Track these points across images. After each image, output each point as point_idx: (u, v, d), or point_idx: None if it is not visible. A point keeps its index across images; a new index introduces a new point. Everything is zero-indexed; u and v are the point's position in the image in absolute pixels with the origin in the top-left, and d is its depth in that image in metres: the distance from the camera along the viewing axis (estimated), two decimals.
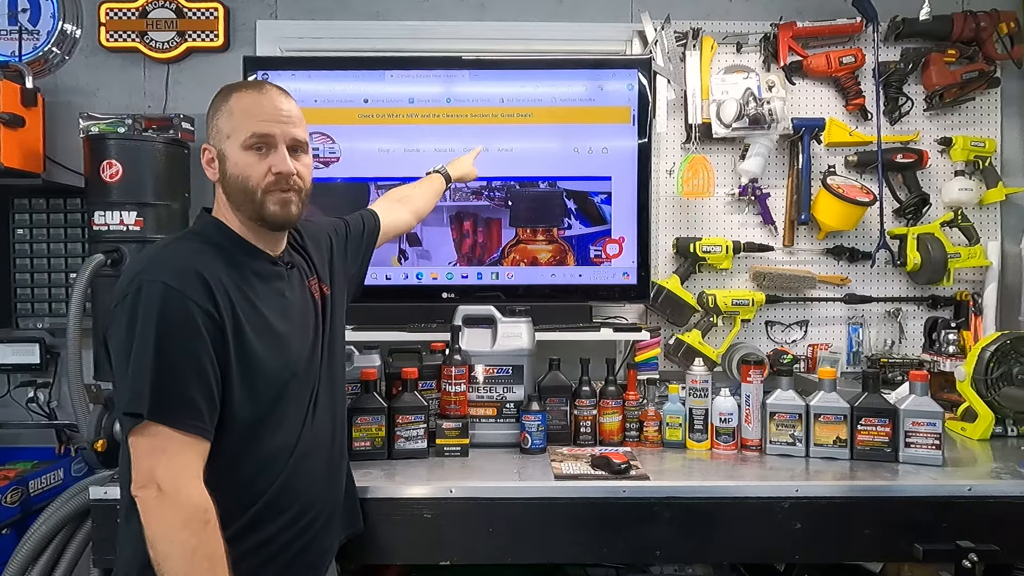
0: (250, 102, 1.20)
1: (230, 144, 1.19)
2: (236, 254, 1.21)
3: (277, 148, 1.20)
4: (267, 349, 1.17)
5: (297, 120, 1.24)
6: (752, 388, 1.76)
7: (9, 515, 1.94)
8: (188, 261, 1.13)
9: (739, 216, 2.39)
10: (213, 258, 1.16)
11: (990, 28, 2.29)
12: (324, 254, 1.44)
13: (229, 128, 1.19)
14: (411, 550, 1.49)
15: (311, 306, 1.31)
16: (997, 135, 2.39)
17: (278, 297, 1.23)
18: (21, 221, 2.31)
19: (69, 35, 2.34)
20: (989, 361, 1.83)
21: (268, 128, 1.19)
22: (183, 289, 1.08)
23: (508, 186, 2.17)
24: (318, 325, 1.31)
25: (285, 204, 1.21)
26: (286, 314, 1.23)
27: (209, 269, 1.13)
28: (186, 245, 1.20)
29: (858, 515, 1.49)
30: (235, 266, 1.18)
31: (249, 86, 1.27)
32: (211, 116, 1.23)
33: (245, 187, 1.19)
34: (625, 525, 1.49)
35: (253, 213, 1.20)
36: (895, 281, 2.41)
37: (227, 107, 1.21)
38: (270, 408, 1.18)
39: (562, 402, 1.82)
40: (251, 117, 1.19)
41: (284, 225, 1.24)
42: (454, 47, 2.32)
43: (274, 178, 1.19)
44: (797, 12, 2.35)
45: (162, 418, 1.04)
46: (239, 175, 1.19)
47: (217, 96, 1.24)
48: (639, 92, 2.16)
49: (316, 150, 2.14)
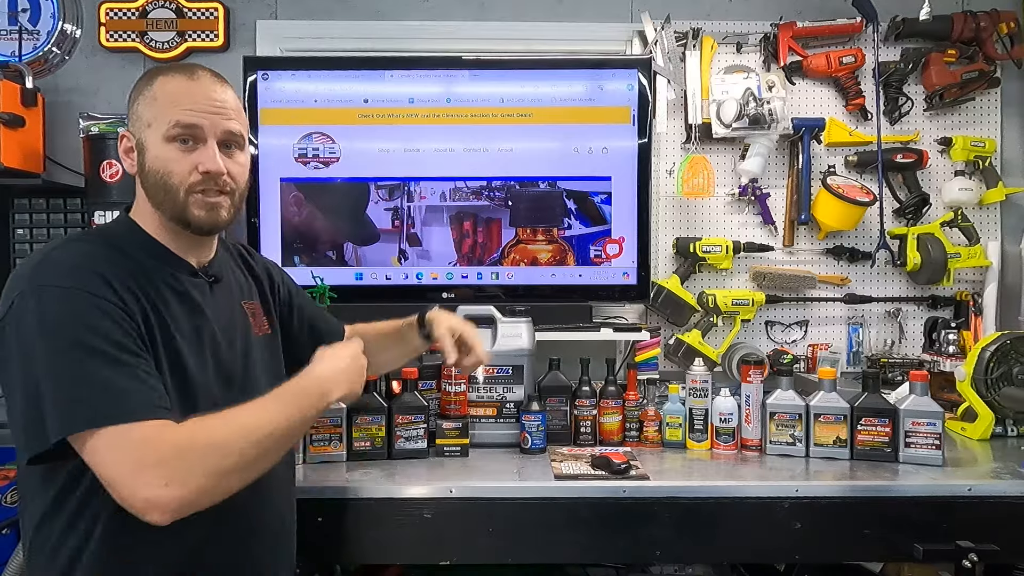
0: (177, 87, 1.05)
1: (151, 134, 1.04)
2: (144, 260, 1.04)
3: (206, 143, 1.04)
4: (170, 368, 1.00)
5: (233, 111, 1.08)
6: (752, 388, 1.76)
7: (9, 515, 1.93)
8: (83, 262, 0.96)
9: (739, 216, 2.39)
10: (113, 263, 0.99)
11: (990, 28, 2.29)
12: (272, 287, 1.31)
13: (151, 115, 1.04)
14: (411, 550, 1.49)
15: (239, 328, 1.15)
16: (997, 135, 2.38)
17: (193, 315, 1.06)
18: (21, 221, 2.30)
19: (69, 35, 2.34)
20: (989, 361, 1.83)
21: (195, 118, 1.03)
22: (84, 287, 0.93)
23: (508, 186, 2.17)
24: (247, 350, 1.15)
25: (212, 208, 1.05)
26: (199, 335, 1.06)
27: (110, 272, 0.97)
28: (79, 247, 1.01)
29: (858, 515, 1.49)
30: (143, 274, 1.02)
31: (178, 69, 1.09)
32: (132, 100, 1.08)
33: (166, 184, 1.03)
34: (625, 525, 1.49)
35: (174, 215, 1.05)
36: (895, 281, 2.41)
37: (151, 91, 1.06)
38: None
39: (562, 402, 1.82)
40: (176, 105, 1.03)
41: (211, 231, 1.09)
42: (454, 47, 2.32)
43: (200, 177, 1.04)
44: (797, 12, 2.35)
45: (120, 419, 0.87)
46: (159, 170, 1.03)
47: (141, 78, 1.09)
48: (639, 92, 2.15)
49: (316, 150, 2.15)
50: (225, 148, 1.07)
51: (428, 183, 2.16)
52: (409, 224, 2.17)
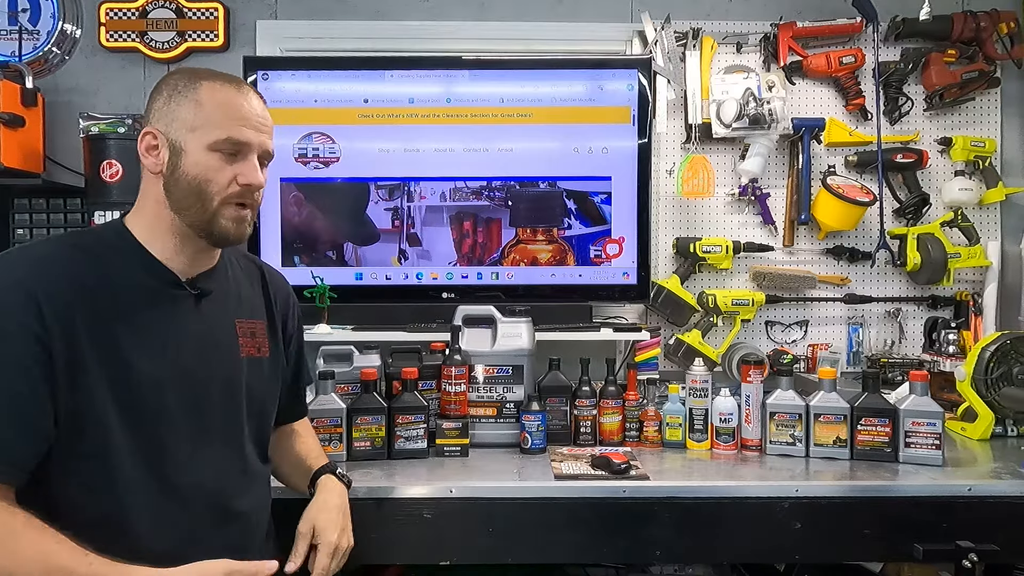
0: (227, 98, 1.07)
1: (193, 139, 1.04)
2: (115, 268, 1.03)
3: (247, 157, 1.07)
4: (111, 384, 0.98)
5: (271, 130, 1.13)
6: (752, 388, 1.76)
7: None
8: (19, 274, 0.96)
9: (739, 216, 2.39)
10: (58, 274, 0.98)
11: (990, 28, 2.29)
12: (286, 313, 1.29)
13: (197, 120, 1.04)
14: (411, 550, 1.49)
15: (222, 345, 1.13)
16: (997, 135, 2.39)
17: (160, 325, 1.05)
18: (21, 221, 2.30)
19: (69, 35, 2.34)
20: (989, 361, 1.83)
21: (247, 135, 1.06)
22: (10, 305, 0.94)
23: (508, 186, 2.17)
24: (226, 366, 1.13)
25: (240, 221, 1.08)
26: (163, 345, 1.04)
27: (55, 279, 0.97)
28: (39, 250, 1.02)
29: (858, 515, 1.49)
30: (101, 284, 1.00)
31: (224, 78, 1.10)
32: (167, 98, 1.06)
33: (201, 191, 1.04)
34: (625, 525, 1.49)
35: (199, 222, 1.06)
36: (895, 281, 2.41)
37: (195, 95, 1.05)
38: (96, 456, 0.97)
39: (562, 402, 1.82)
40: (229, 117, 1.06)
41: (235, 242, 1.11)
42: (454, 47, 2.32)
43: (239, 189, 1.06)
44: (797, 12, 2.35)
45: None
46: (198, 176, 1.04)
47: (177, 76, 1.08)
48: (639, 92, 2.16)
49: (316, 150, 2.15)
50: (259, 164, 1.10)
51: (428, 183, 2.16)
52: (409, 224, 2.17)
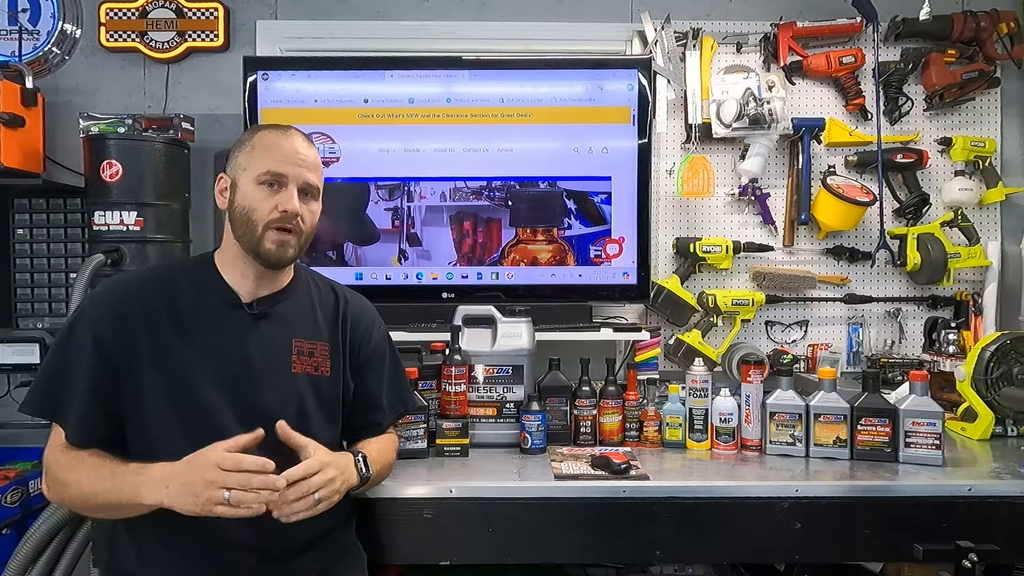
0: (271, 141, 1.26)
1: (244, 176, 1.25)
2: (188, 290, 1.25)
3: (287, 188, 1.25)
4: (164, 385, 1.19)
5: (313, 166, 1.28)
6: (752, 388, 1.76)
7: (9, 515, 1.94)
8: (104, 292, 1.26)
9: (739, 216, 2.39)
10: (147, 289, 1.24)
11: (990, 28, 2.29)
12: (356, 337, 1.40)
13: (247, 162, 1.26)
14: (411, 550, 1.49)
15: (274, 360, 1.27)
16: (997, 135, 2.39)
17: (216, 339, 1.23)
18: (21, 221, 2.31)
19: (69, 35, 2.34)
20: (989, 361, 1.83)
21: (283, 168, 1.24)
22: (88, 310, 1.22)
23: (508, 186, 2.17)
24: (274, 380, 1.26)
25: (282, 244, 1.24)
26: (214, 357, 1.22)
27: (130, 300, 1.22)
28: (122, 278, 1.32)
29: (858, 515, 1.49)
30: (169, 303, 1.23)
31: (275, 128, 1.31)
32: (234, 150, 1.29)
33: (249, 218, 1.24)
34: (625, 525, 1.49)
35: (250, 245, 1.24)
36: (895, 281, 2.41)
37: (251, 143, 1.27)
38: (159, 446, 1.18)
39: (562, 402, 1.82)
40: (270, 155, 1.25)
41: (277, 264, 1.27)
42: (454, 47, 2.32)
43: (279, 215, 1.23)
44: (797, 12, 2.35)
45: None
46: (246, 206, 1.24)
47: (245, 132, 1.32)
48: (639, 92, 2.16)
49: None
50: (303, 196, 1.27)
51: (428, 183, 2.16)
52: (409, 224, 2.17)
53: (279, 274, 1.31)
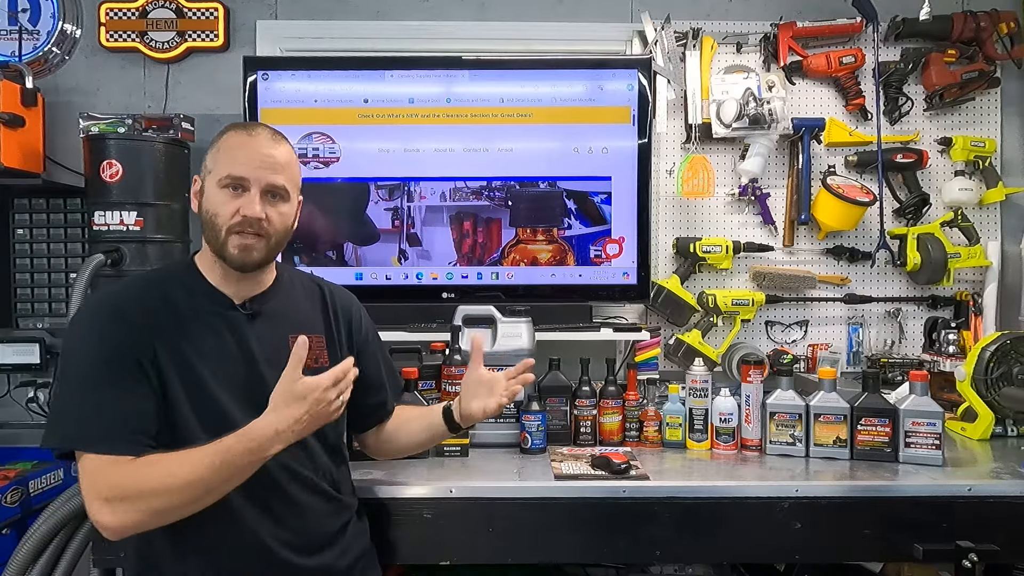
0: (236, 142, 1.23)
1: (210, 179, 1.23)
2: (180, 296, 1.23)
3: (249, 191, 1.21)
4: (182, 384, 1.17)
5: (280, 166, 1.24)
6: (752, 388, 1.76)
7: (9, 515, 1.94)
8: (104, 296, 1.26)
9: (739, 216, 2.39)
10: (146, 291, 1.22)
11: (990, 28, 2.29)
12: (350, 326, 1.41)
13: (212, 164, 1.23)
14: (411, 550, 1.49)
15: (274, 357, 1.23)
16: (997, 135, 2.39)
17: (218, 342, 1.22)
18: (21, 221, 2.31)
19: (69, 35, 2.34)
20: (989, 361, 1.83)
21: (244, 171, 1.21)
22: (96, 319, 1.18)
23: (508, 186, 2.17)
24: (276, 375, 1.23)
25: (245, 249, 1.21)
26: (220, 359, 1.21)
27: (131, 300, 1.20)
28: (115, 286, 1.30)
29: (858, 515, 1.49)
30: (168, 308, 1.21)
31: (242, 127, 1.28)
32: (207, 151, 1.26)
33: (213, 223, 1.21)
34: (625, 525, 1.49)
35: (216, 249, 1.23)
36: (895, 281, 2.41)
37: (218, 143, 1.24)
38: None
39: (562, 402, 1.82)
40: (232, 158, 1.21)
41: (242, 268, 1.24)
42: (454, 47, 2.32)
43: (240, 220, 1.20)
44: (797, 12, 2.35)
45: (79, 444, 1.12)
46: (210, 211, 1.22)
47: (217, 132, 1.28)
48: (639, 92, 2.16)
49: (316, 150, 2.15)
50: (269, 198, 1.23)
51: (428, 183, 2.16)
52: (409, 224, 2.17)
53: (260, 274, 1.29)
